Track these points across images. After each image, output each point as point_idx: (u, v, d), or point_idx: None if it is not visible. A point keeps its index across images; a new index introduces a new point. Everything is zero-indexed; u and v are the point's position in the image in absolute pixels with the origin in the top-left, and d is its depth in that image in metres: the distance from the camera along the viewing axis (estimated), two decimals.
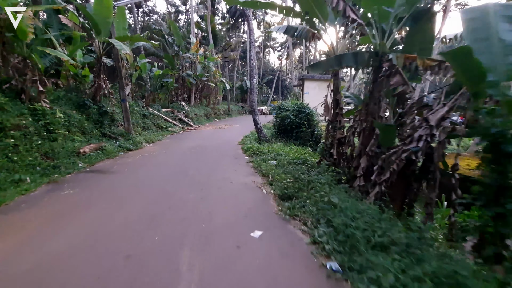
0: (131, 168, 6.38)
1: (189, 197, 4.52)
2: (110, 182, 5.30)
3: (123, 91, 9.07)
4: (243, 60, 47.45)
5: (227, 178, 5.56)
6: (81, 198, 4.39)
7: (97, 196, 4.50)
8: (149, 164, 6.83)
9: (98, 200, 4.36)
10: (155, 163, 7.00)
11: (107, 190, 4.85)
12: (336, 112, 5.72)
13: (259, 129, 10.04)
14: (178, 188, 4.98)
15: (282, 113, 10.50)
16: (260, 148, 8.03)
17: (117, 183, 5.24)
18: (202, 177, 5.64)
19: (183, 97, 18.86)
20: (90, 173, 5.96)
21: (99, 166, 6.51)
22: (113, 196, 4.54)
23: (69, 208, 3.99)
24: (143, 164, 6.88)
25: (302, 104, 10.30)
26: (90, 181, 5.35)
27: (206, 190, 4.82)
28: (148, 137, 10.56)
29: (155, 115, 13.19)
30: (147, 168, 6.49)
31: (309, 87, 17.12)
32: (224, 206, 4.14)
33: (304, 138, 9.74)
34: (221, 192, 4.77)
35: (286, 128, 10.33)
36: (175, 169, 6.36)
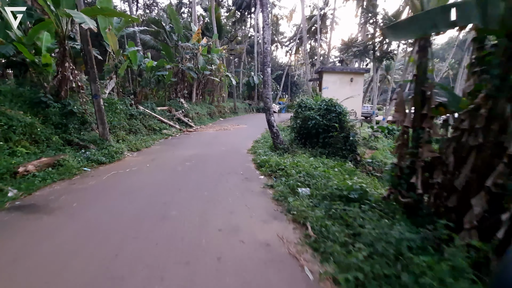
0: (85, 200, 4.10)
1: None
2: (29, 237, 3.02)
3: (95, 84, 6.80)
4: (249, 56, 45.04)
5: (233, 228, 3.21)
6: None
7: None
8: (116, 191, 4.53)
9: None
10: (127, 188, 4.69)
11: (14, 259, 2.56)
12: (421, 113, 3.31)
13: (275, 133, 7.66)
14: (141, 258, 2.65)
15: (304, 113, 8.09)
16: (279, 162, 5.65)
17: (41, 239, 2.95)
18: (190, 225, 3.30)
19: (183, 94, 16.59)
20: (15, 211, 3.70)
21: (39, 196, 4.25)
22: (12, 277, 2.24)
23: None
24: (108, 190, 4.59)
25: (331, 101, 7.86)
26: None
27: (192, 267, 2.48)
28: (133, 143, 8.30)
29: (147, 115, 10.93)
30: (109, 199, 4.18)
31: (328, 81, 14.65)
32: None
33: (334, 145, 7.33)
34: (220, 275, 2.40)
35: (309, 132, 7.93)
36: (151, 202, 4.04)
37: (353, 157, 7.29)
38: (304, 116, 8.09)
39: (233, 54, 25.07)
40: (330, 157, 7.22)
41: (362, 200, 3.55)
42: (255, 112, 30.17)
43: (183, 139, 10.45)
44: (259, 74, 34.31)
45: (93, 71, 6.78)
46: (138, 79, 12.40)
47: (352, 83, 14.60)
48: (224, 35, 27.38)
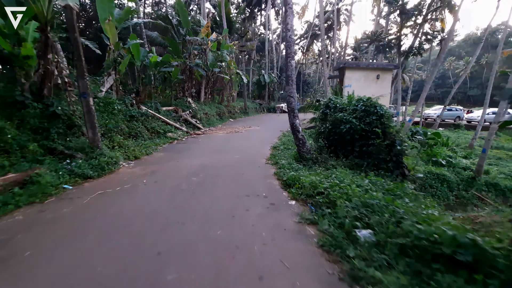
0: (45, 246, 2.81)
1: None
2: None
3: (83, 79, 5.57)
4: (259, 53, 43.61)
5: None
6: None
7: None
8: (93, 227, 3.23)
9: None
10: (110, 221, 3.39)
11: None
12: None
13: (301, 140, 6.27)
14: None
15: (336, 115, 6.67)
16: (315, 182, 4.23)
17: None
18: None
19: (190, 93, 15.37)
20: None
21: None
22: None
23: None
24: (84, 225, 3.29)
25: (370, 101, 6.40)
26: None
27: None
28: (131, 150, 7.07)
29: (149, 116, 9.72)
30: (79, 244, 2.86)
31: (352, 78, 13.12)
32: None
33: (376, 156, 5.88)
34: None
35: (341, 139, 6.51)
36: (139, 251, 2.70)
37: (401, 171, 5.84)
38: (335, 119, 6.67)
39: (243, 50, 23.70)
40: (371, 170, 5.79)
41: (480, 266, 2.13)
42: (266, 112, 28.82)
43: (190, 144, 9.18)
44: (270, 73, 32.95)
45: (81, 63, 5.55)
46: (141, 76, 11.21)
47: (379, 80, 13.04)
48: (234, 31, 26.12)
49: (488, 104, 15.97)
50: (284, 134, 11.30)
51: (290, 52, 6.40)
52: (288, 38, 6.44)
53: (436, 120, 22.79)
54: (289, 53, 6.40)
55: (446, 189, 8.83)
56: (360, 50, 44.90)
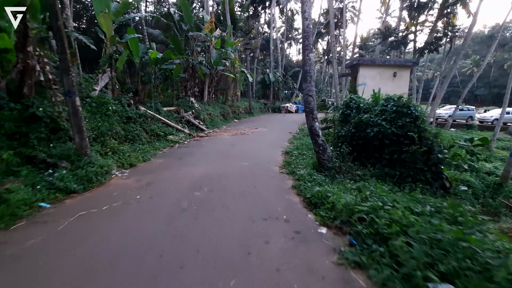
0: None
1: None
2: None
3: (68, 76, 4.75)
4: (263, 52, 42.70)
5: None
6: None
7: None
8: (63, 271, 2.38)
9: None
10: (87, 261, 2.54)
11: None
12: None
13: (321, 146, 5.38)
14: None
15: (361, 117, 5.79)
16: (350, 204, 3.34)
17: None
18: None
19: (193, 92, 14.55)
20: None
21: None
22: None
23: None
24: (50, 267, 2.45)
25: (401, 100, 5.50)
26: None
27: None
28: (126, 156, 6.26)
29: (149, 117, 8.90)
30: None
31: (366, 76, 12.20)
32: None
33: (411, 165, 4.99)
34: None
35: (367, 144, 5.63)
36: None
37: (440, 184, 4.94)
38: (359, 121, 5.78)
39: (248, 48, 22.83)
40: (405, 182, 4.92)
41: None
42: (270, 112, 27.91)
43: (192, 148, 8.35)
44: (274, 71, 32.07)
45: (65, 57, 4.73)
46: (140, 74, 10.40)
47: (396, 78, 12.09)
48: (238, 29, 25.27)
49: (507, 103, 14.92)
50: (295, 136, 10.43)
51: (308, 44, 5.53)
52: (305, 28, 5.57)
53: (448, 120, 21.76)
54: (307, 45, 5.53)
55: (471, 197, 7.94)
56: (366, 49, 43.82)
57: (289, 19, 46.02)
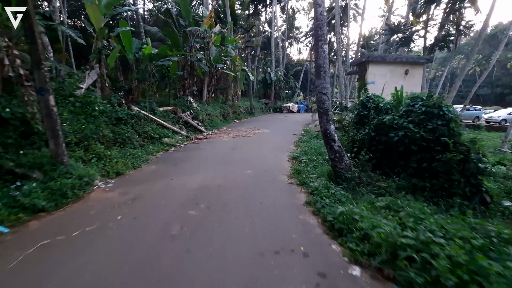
0: None
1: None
2: None
3: (40, 70, 4.00)
4: (263, 52, 41.88)
5: None
6: None
7: None
8: None
9: None
10: None
11: None
12: None
13: (338, 153, 4.61)
14: None
15: (382, 119, 5.02)
16: (391, 235, 2.57)
17: None
18: None
19: (191, 91, 13.79)
20: None
21: None
22: None
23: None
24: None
25: (431, 100, 4.72)
26: None
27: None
28: (113, 162, 5.50)
29: (142, 118, 8.14)
30: None
31: (376, 74, 11.44)
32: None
33: (445, 176, 4.22)
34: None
35: (391, 150, 4.87)
36: None
37: (480, 198, 4.18)
38: (380, 123, 5.02)
39: (249, 46, 22.07)
40: (438, 196, 4.17)
41: None
42: (272, 112, 27.14)
43: (190, 152, 7.59)
44: (276, 70, 31.27)
45: (36, 48, 3.97)
46: (134, 71, 9.64)
47: (408, 76, 11.33)
48: (238, 26, 24.49)
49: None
50: (301, 139, 9.67)
51: (322, 34, 4.76)
52: (318, 16, 4.80)
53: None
54: (321, 36, 4.76)
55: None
56: (368, 48, 42.98)
57: (290, 17, 45.24)
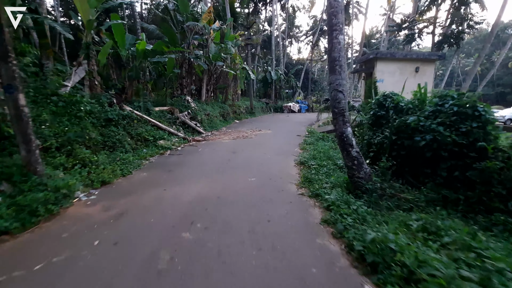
0: None
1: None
2: None
3: (7, 64, 3.38)
4: (263, 51, 41.21)
5: None
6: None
7: None
8: None
9: None
10: None
11: None
12: None
13: (356, 160, 3.98)
14: None
15: (405, 120, 4.41)
16: (451, 277, 1.96)
17: None
18: None
19: (189, 90, 13.15)
20: None
21: None
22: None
23: None
24: None
25: (462, 99, 4.11)
26: None
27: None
28: (100, 169, 4.88)
29: (135, 119, 7.51)
30: None
31: (384, 72, 10.82)
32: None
33: (483, 187, 3.61)
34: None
35: (415, 155, 4.25)
36: None
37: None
38: (402, 125, 4.40)
39: (249, 43, 21.45)
40: (474, 212, 3.56)
41: None
42: (272, 112, 26.50)
43: (186, 156, 6.96)
44: (276, 69, 30.64)
45: (2, 37, 3.34)
46: (128, 68, 9.01)
47: (418, 73, 10.72)
48: (238, 24, 23.86)
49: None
50: (306, 141, 9.04)
51: (337, 22, 4.14)
52: (333, 2, 4.17)
53: None
54: (335, 25, 4.14)
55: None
56: (370, 46, 42.35)
57: (290, 16, 44.58)
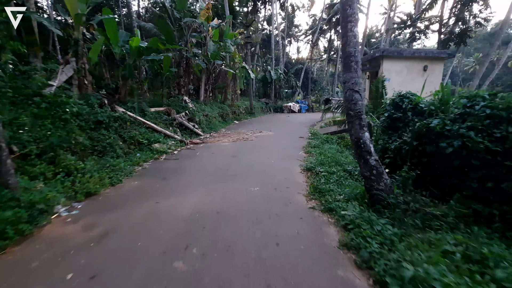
0: None
1: None
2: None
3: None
4: (262, 50, 40.66)
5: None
6: None
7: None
8: None
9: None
10: None
11: None
12: None
13: (375, 170, 3.50)
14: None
15: (428, 123, 3.93)
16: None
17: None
18: None
19: (187, 90, 12.64)
20: None
21: None
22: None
23: None
24: None
25: (496, 99, 3.64)
26: None
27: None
28: (86, 178, 4.37)
29: (128, 121, 7.00)
30: None
31: (391, 70, 10.36)
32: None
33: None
34: None
35: (441, 163, 3.78)
36: None
37: None
38: (424, 128, 3.93)
39: (249, 42, 20.93)
40: (510, 229, 3.09)
41: None
42: (272, 112, 26.00)
43: (183, 161, 6.46)
44: (276, 69, 30.15)
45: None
46: (121, 66, 8.48)
47: (426, 72, 10.27)
48: (238, 23, 23.32)
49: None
50: (310, 143, 8.55)
51: (352, 13, 3.65)
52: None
53: None
54: (350, 15, 3.65)
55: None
56: (370, 46, 41.89)
57: (289, 15, 44.07)
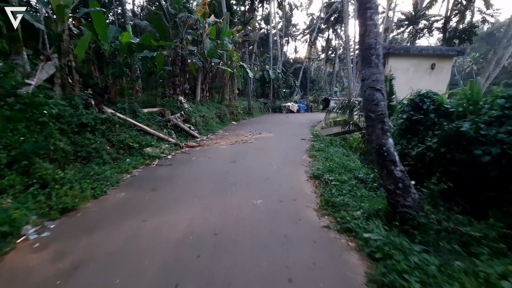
0: None
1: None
2: None
3: None
4: (260, 49, 40.13)
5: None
6: None
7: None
8: None
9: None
10: None
11: None
12: None
13: (401, 182, 2.97)
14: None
15: (459, 126, 3.41)
16: None
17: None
18: None
19: (183, 90, 12.05)
20: None
21: None
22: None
23: None
24: None
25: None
26: None
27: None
28: (64, 190, 3.79)
29: (116, 123, 6.41)
30: None
31: (397, 69, 9.89)
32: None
33: None
34: None
35: (473, 173, 3.26)
36: None
37: None
38: (451, 132, 3.41)
39: (246, 40, 20.38)
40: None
41: None
42: (271, 112, 25.46)
43: (177, 167, 5.89)
44: (274, 68, 29.64)
45: None
46: (110, 64, 7.88)
47: (434, 70, 9.81)
48: (235, 20, 22.76)
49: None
50: (314, 146, 8.02)
51: (372, 6, 3.12)
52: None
53: None
54: (370, 1, 3.12)
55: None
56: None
57: (287, 14, 43.59)
